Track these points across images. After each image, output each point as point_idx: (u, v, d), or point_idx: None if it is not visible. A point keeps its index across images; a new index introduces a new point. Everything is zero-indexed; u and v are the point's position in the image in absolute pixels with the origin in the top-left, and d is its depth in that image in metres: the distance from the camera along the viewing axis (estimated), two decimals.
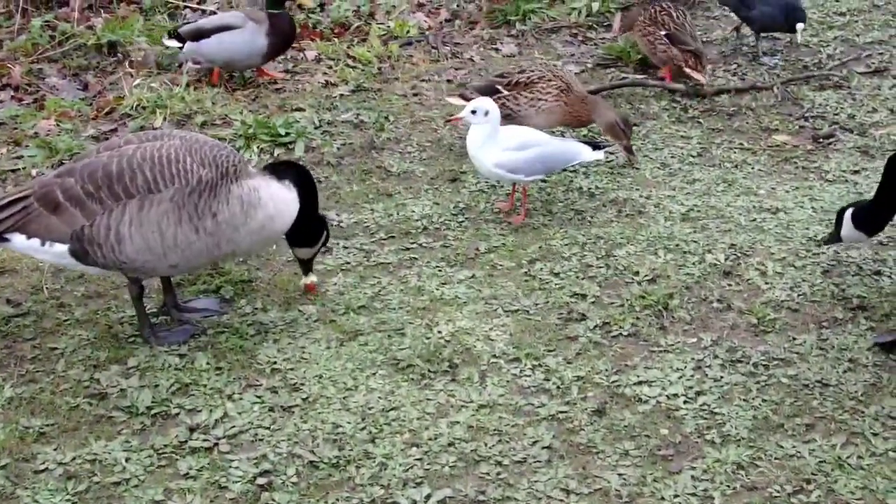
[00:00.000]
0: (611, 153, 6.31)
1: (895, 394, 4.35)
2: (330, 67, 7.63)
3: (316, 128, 6.73)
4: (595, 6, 8.63)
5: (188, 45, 7.16)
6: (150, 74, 7.31)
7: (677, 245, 5.42)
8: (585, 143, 5.86)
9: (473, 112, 5.48)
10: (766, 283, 5.10)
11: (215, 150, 4.57)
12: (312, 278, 5.01)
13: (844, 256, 5.30)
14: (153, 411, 4.26)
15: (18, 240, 4.51)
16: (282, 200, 4.63)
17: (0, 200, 4.55)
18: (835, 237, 5.09)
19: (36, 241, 4.50)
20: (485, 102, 5.52)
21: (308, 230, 4.82)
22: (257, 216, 4.55)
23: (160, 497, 3.85)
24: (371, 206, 5.86)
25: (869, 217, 4.93)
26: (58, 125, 6.65)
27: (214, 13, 8.11)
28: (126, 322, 4.83)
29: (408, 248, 5.46)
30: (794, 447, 4.07)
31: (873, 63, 7.80)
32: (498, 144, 5.53)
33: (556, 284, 5.11)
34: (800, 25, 7.48)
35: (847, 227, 4.97)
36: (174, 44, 7.26)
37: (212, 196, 4.47)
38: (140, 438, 4.13)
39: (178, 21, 8.12)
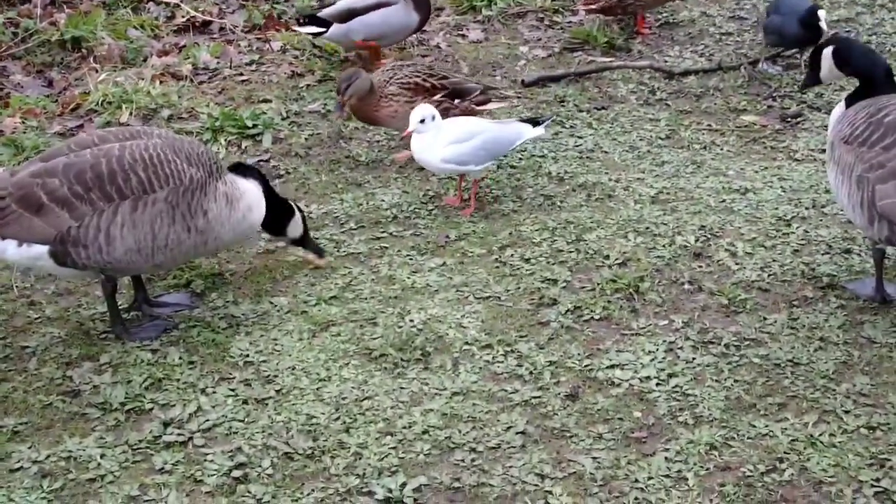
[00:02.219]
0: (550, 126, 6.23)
1: (866, 371, 4.39)
2: (296, 58, 7.61)
3: (283, 119, 6.72)
4: None
5: (336, 27, 7.20)
6: (115, 69, 7.26)
7: (647, 228, 5.44)
8: (525, 120, 5.88)
9: (422, 121, 5.48)
10: (737, 264, 5.13)
11: (196, 148, 4.63)
12: (319, 261, 5.13)
13: (814, 236, 5.34)
14: (127, 407, 4.25)
15: None
16: (253, 194, 4.74)
17: None
18: (813, 79, 5.13)
19: (11, 244, 4.44)
20: (428, 109, 5.53)
21: (280, 212, 4.91)
22: (239, 208, 4.65)
23: (136, 493, 3.84)
24: (340, 197, 5.85)
25: (842, 58, 4.93)
26: (23, 122, 6.60)
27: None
28: (97, 319, 4.81)
29: (378, 238, 5.45)
30: (766, 426, 4.10)
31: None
32: (441, 140, 5.54)
33: (526, 270, 5.11)
34: (821, 12, 7.08)
35: (828, 65, 4.99)
36: (312, 29, 7.25)
37: (203, 195, 4.52)
38: (114, 435, 4.11)
39: (141, 15, 8.06)
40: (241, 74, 7.37)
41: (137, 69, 7.27)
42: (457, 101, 6.17)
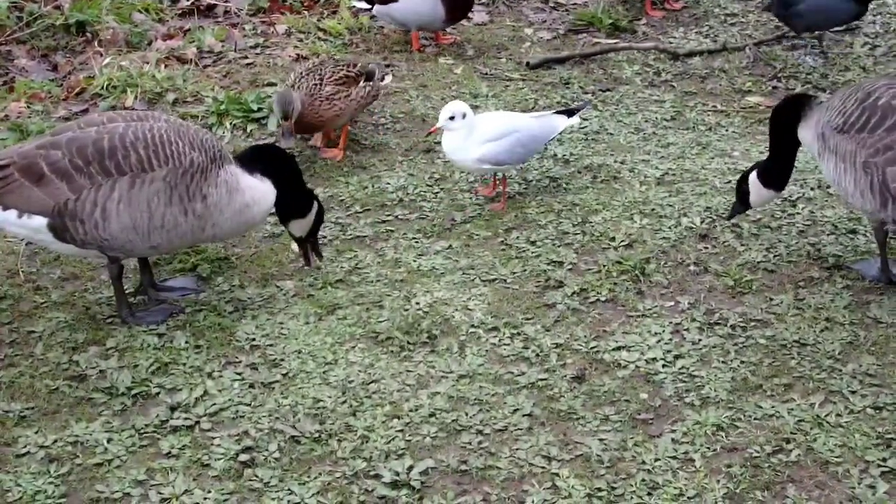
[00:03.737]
0: (585, 119, 6.32)
1: (872, 351, 4.39)
2: (301, 41, 7.59)
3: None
4: None
5: (377, 7, 7.36)
6: (120, 53, 7.25)
7: (653, 210, 5.43)
8: (559, 112, 5.80)
9: (451, 118, 5.35)
10: (742, 245, 5.12)
11: (201, 134, 4.61)
12: (316, 262, 4.96)
13: (819, 216, 5.33)
14: (133, 392, 4.25)
15: None
16: (257, 190, 4.64)
17: None
18: (741, 206, 5.11)
19: (12, 213, 4.45)
20: (459, 106, 5.40)
21: (291, 207, 4.77)
22: (238, 200, 4.57)
23: (143, 477, 3.84)
24: (346, 180, 5.85)
25: (774, 171, 4.96)
26: (28, 107, 6.59)
27: None
28: (104, 303, 4.82)
29: (384, 221, 5.45)
30: (772, 407, 4.10)
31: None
32: (476, 138, 5.41)
33: (532, 253, 5.11)
34: None
35: (756, 190, 4.99)
36: (363, 5, 7.47)
37: (203, 179, 4.49)
38: (121, 419, 4.12)
39: None
40: (246, 58, 7.35)
41: (142, 53, 7.26)
42: (370, 82, 6.18)
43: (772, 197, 5.08)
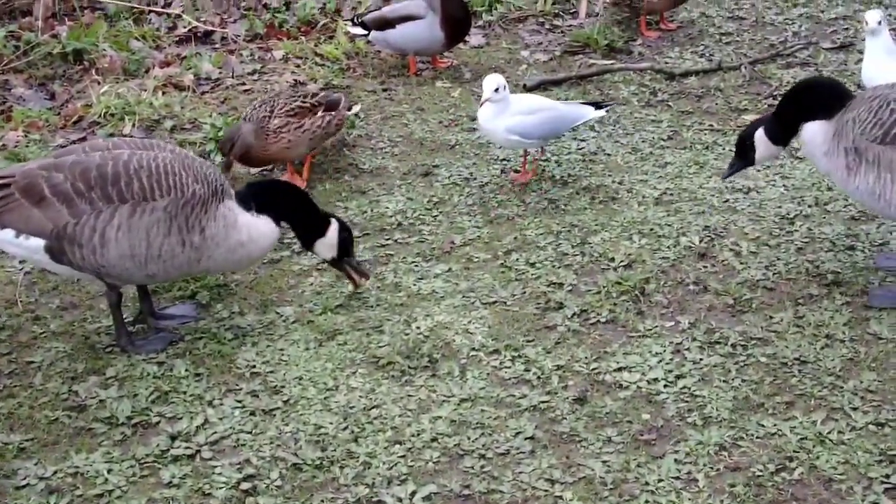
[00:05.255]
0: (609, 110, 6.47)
1: (872, 367, 4.38)
2: (298, 66, 7.61)
3: None
4: None
5: (374, 33, 7.42)
6: (118, 81, 7.26)
7: (651, 229, 5.43)
8: (587, 103, 6.12)
9: (496, 90, 5.71)
10: (741, 263, 5.12)
11: (205, 167, 4.60)
12: (362, 281, 4.97)
13: (818, 233, 5.33)
14: (133, 421, 4.24)
15: None
16: (255, 227, 4.62)
17: None
18: (742, 163, 5.11)
19: (9, 233, 4.44)
20: (500, 79, 5.75)
21: (310, 226, 4.79)
22: (233, 238, 4.56)
23: None
24: (344, 204, 5.85)
25: (780, 127, 4.95)
26: (26, 136, 6.61)
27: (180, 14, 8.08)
28: (103, 332, 4.81)
29: (383, 245, 5.45)
30: (775, 425, 4.09)
31: (838, 38, 7.83)
32: (509, 112, 5.76)
33: (532, 274, 5.11)
34: None
35: (764, 146, 4.98)
36: (360, 31, 7.50)
37: (203, 211, 4.48)
38: (121, 449, 4.11)
39: (143, 26, 8.07)
40: (244, 84, 7.37)
41: (140, 80, 7.27)
42: (332, 112, 6.15)
43: (776, 153, 5.10)
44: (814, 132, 4.78)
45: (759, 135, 4.97)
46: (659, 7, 7.95)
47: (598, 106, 6.07)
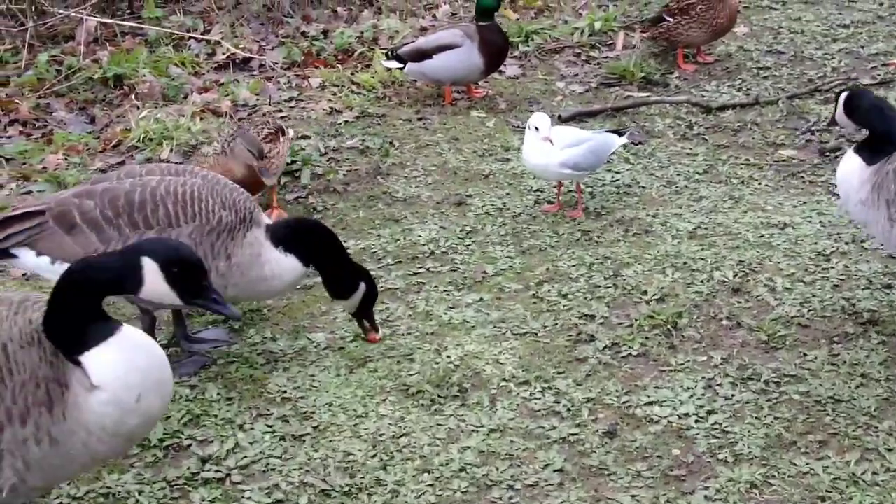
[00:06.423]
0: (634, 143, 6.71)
1: None
2: (334, 94, 7.66)
3: (321, 155, 6.76)
4: (597, 25, 8.66)
5: (410, 65, 7.44)
6: (156, 106, 7.34)
7: (685, 263, 5.41)
8: (611, 132, 6.21)
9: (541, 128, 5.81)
10: (776, 300, 5.09)
11: (234, 193, 4.61)
12: (373, 335, 4.90)
13: (854, 270, 5.29)
14: (165, 443, 4.26)
15: (27, 256, 4.49)
16: (279, 264, 4.60)
17: (12, 212, 4.51)
18: (833, 119, 5.09)
19: (45, 260, 4.49)
20: (547, 117, 5.83)
21: (338, 283, 4.74)
22: (256, 271, 4.56)
23: None
24: (378, 232, 5.87)
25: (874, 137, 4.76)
26: (66, 159, 6.68)
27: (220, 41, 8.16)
28: None
29: (415, 273, 5.46)
30: (807, 464, 4.05)
31: (878, 75, 7.80)
32: (556, 146, 5.80)
33: (564, 306, 5.10)
34: None
35: (839, 111, 4.91)
36: (394, 64, 7.53)
37: (229, 238, 4.50)
38: (153, 471, 4.13)
39: (182, 52, 8.16)
40: (281, 111, 7.43)
41: (178, 106, 7.35)
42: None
43: (848, 126, 4.99)
44: (851, 170, 4.74)
45: (841, 99, 4.86)
46: (697, 40, 7.96)
47: (619, 133, 6.19)
